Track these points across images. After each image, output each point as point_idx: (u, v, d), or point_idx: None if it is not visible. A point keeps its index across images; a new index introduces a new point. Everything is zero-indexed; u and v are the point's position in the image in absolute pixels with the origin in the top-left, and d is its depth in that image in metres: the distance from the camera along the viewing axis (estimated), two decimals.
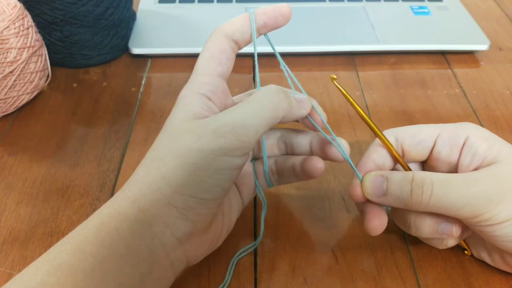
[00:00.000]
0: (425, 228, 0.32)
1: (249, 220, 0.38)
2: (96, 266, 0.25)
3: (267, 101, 0.29)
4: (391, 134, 0.34)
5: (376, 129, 0.33)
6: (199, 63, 0.31)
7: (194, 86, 0.30)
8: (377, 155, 0.33)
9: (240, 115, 0.28)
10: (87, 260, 0.25)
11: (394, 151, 0.33)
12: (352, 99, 0.33)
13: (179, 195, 0.27)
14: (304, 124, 0.33)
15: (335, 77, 0.32)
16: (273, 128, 0.36)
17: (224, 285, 0.33)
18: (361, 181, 0.32)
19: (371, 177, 0.31)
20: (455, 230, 0.31)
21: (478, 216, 0.29)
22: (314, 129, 0.33)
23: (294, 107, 0.30)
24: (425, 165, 0.35)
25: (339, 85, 0.32)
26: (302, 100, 0.31)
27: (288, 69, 0.33)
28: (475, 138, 0.32)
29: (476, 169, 0.31)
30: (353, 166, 0.32)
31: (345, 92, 0.32)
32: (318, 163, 0.33)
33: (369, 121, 0.33)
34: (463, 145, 0.32)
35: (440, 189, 0.29)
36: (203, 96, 0.30)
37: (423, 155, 0.34)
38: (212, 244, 0.31)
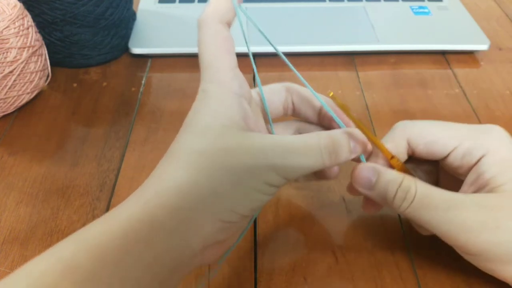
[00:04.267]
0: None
1: None
2: (117, 275, 0.23)
3: (322, 157, 0.28)
4: (404, 138, 0.33)
5: (372, 137, 0.32)
6: (210, 59, 0.29)
7: (223, 83, 0.28)
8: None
9: (297, 160, 0.28)
10: (108, 268, 0.23)
11: (391, 159, 0.32)
12: (349, 111, 0.31)
13: (228, 211, 0.26)
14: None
15: (331, 93, 0.31)
16: (288, 121, 0.36)
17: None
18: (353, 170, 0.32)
19: (364, 166, 0.31)
20: None
21: (450, 241, 0.30)
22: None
23: (343, 161, 0.30)
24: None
25: (337, 98, 0.31)
26: (356, 147, 0.30)
27: (281, 53, 0.32)
28: (490, 159, 0.31)
29: (477, 190, 0.31)
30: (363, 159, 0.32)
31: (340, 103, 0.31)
32: (334, 168, 0.33)
33: (365, 130, 0.32)
34: (476, 162, 0.31)
35: (419, 203, 0.29)
36: (237, 96, 0.28)
37: (433, 160, 0.33)
38: (227, 248, 0.30)
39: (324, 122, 0.34)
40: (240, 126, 0.28)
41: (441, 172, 0.35)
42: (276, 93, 0.34)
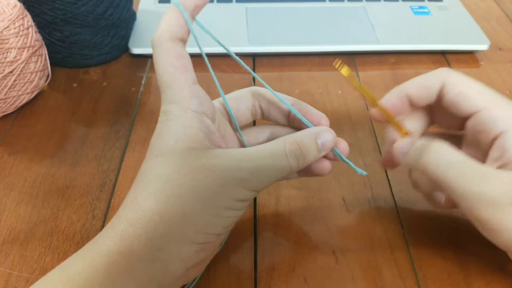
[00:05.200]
0: (422, 186, 0.34)
1: (249, 221, 0.38)
2: None
3: (289, 163, 0.29)
4: (440, 79, 0.33)
5: (385, 112, 0.33)
6: (168, 79, 0.29)
7: (182, 103, 0.28)
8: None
9: (264, 171, 0.28)
10: None
11: (402, 133, 0.33)
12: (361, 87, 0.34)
13: (202, 234, 0.27)
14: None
15: (337, 65, 0.32)
16: (261, 126, 0.35)
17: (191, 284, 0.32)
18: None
19: (404, 139, 0.32)
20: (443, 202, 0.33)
21: (473, 211, 0.29)
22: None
23: (312, 160, 0.30)
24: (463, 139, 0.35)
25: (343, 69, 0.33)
26: (325, 144, 0.30)
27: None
28: None
29: (502, 167, 0.30)
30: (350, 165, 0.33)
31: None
32: (326, 164, 0.33)
33: (380, 106, 0.34)
34: (498, 135, 0.31)
35: (447, 170, 0.29)
36: (197, 114, 0.29)
37: (456, 115, 0.33)
38: (208, 261, 0.31)
39: (294, 124, 0.34)
40: (204, 145, 0.28)
41: (463, 146, 0.35)
42: (242, 100, 0.34)
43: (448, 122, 0.35)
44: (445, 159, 0.30)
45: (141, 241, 0.26)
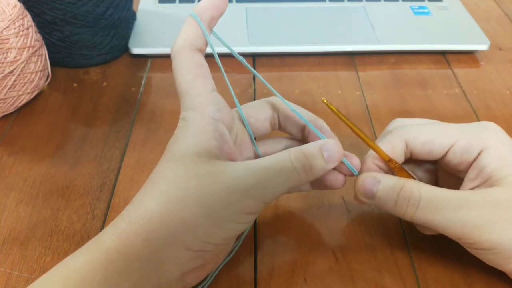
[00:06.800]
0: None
1: None
2: None
3: (297, 172, 0.29)
4: (401, 139, 0.33)
5: (368, 140, 0.32)
6: (187, 86, 0.29)
7: (199, 109, 0.29)
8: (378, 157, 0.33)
9: (271, 180, 0.28)
10: None
11: (388, 162, 0.33)
12: (344, 116, 0.32)
13: (200, 242, 0.27)
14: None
15: (325, 100, 0.32)
16: (277, 138, 0.36)
17: (203, 286, 0.32)
18: (356, 177, 0.32)
19: (365, 177, 0.31)
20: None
21: (461, 239, 0.30)
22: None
23: (321, 171, 0.30)
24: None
25: (330, 104, 0.32)
26: (331, 155, 0.30)
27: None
28: (489, 153, 0.31)
29: (478, 186, 0.31)
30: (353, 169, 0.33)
31: (335, 110, 0.32)
32: (340, 177, 0.33)
33: (360, 133, 0.33)
34: (475, 158, 0.31)
35: (426, 206, 0.29)
36: (214, 120, 0.29)
37: (432, 160, 0.33)
38: (210, 269, 0.31)
39: (309, 138, 0.34)
40: (214, 154, 0.28)
41: (439, 171, 0.35)
42: (261, 110, 0.34)
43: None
44: (422, 202, 0.30)
45: (139, 240, 0.26)
